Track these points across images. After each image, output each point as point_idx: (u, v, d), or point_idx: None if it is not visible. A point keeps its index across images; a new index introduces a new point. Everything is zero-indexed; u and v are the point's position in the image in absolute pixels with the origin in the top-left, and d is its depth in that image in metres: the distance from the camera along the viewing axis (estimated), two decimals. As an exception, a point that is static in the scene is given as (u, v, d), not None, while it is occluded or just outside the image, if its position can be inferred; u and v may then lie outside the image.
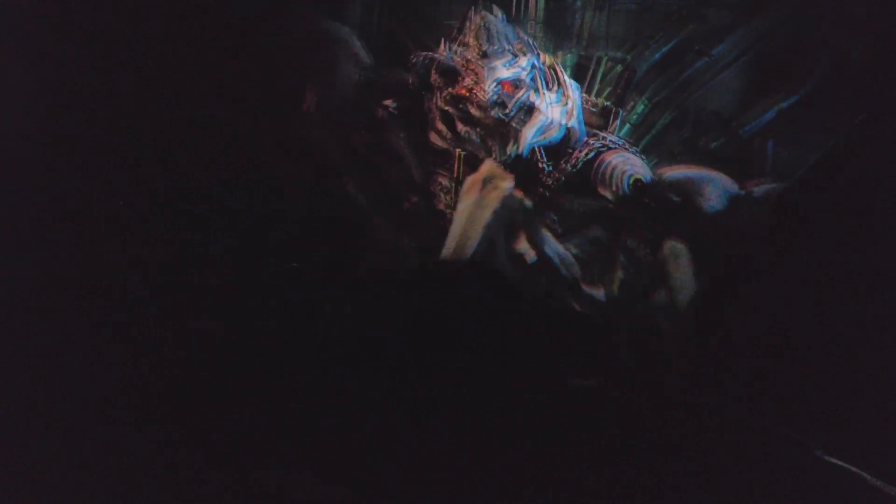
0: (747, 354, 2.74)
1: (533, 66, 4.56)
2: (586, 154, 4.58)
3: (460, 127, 4.41)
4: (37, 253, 3.22)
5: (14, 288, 3.16)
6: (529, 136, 4.41)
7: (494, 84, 4.43)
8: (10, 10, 3.43)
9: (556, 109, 4.52)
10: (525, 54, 4.57)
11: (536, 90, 4.51)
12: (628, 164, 4.50)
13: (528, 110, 4.48)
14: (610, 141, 4.61)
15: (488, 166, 4.34)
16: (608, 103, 4.88)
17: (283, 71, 3.96)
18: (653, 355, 3.36)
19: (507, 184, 4.30)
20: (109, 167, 3.40)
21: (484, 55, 4.45)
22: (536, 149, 4.49)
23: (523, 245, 4.31)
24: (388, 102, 4.47)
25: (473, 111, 4.42)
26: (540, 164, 4.52)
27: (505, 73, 4.48)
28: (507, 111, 4.43)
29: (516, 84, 4.49)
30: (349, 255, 3.59)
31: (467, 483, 2.76)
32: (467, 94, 4.39)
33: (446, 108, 4.34)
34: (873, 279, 2.64)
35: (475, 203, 4.14)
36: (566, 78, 4.67)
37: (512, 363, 3.11)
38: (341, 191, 4.09)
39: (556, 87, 4.57)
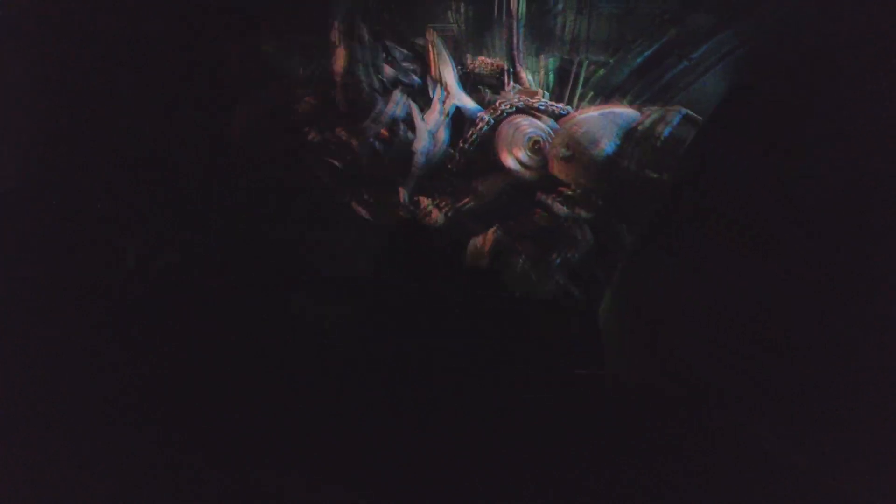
0: (747, 353, 2.64)
1: (407, 93, 4.26)
2: (481, 128, 4.32)
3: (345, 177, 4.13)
4: (37, 253, 3.11)
5: (14, 288, 3.05)
6: (409, 187, 4.15)
7: (371, 140, 4.14)
8: (10, 10, 3.31)
9: (441, 130, 4.25)
10: (397, 80, 4.25)
11: (413, 127, 4.24)
12: (531, 127, 4.26)
13: (406, 158, 4.20)
14: (506, 107, 4.33)
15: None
16: (500, 62, 4.64)
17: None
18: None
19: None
20: (109, 167, 3.29)
21: (353, 116, 4.12)
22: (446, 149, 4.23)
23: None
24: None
25: (350, 164, 4.14)
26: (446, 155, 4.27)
27: (376, 127, 4.17)
28: (385, 160, 4.16)
29: (392, 127, 4.22)
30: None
31: (467, 483, 2.68)
32: (342, 143, 4.11)
33: (324, 157, 4.04)
34: (874, 279, 2.55)
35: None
36: (440, 66, 4.36)
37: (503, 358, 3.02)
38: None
39: (437, 92, 4.29)
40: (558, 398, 2.83)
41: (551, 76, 4.79)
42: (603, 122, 4.21)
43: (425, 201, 4.06)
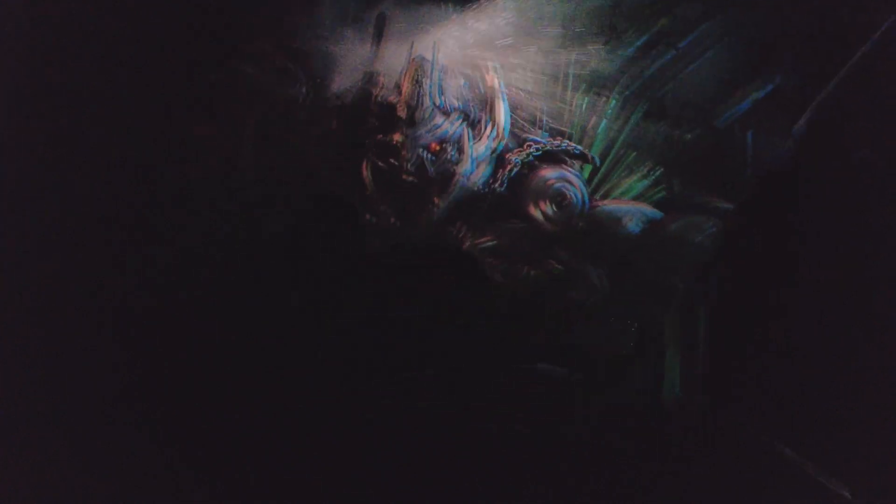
0: (746, 355, 2.50)
1: (464, 118, 4.18)
2: (510, 170, 4.22)
3: (384, 182, 4.03)
4: (37, 253, 2.95)
5: (14, 288, 2.90)
6: (443, 206, 4.05)
7: (420, 150, 4.06)
8: (10, 10, 3.14)
9: (485, 163, 4.15)
10: (456, 106, 4.17)
11: (461, 149, 4.15)
12: (559, 181, 4.17)
13: (447, 177, 4.11)
14: (535, 149, 4.23)
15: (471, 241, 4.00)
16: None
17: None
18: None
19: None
20: (109, 167, 3.13)
21: (412, 121, 4.05)
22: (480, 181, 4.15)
23: None
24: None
25: (397, 169, 4.05)
26: (475, 188, 4.18)
27: (429, 137, 4.10)
28: (429, 176, 4.06)
29: (441, 142, 4.13)
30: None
31: (467, 484, 2.54)
32: (397, 147, 4.02)
33: (376, 159, 3.96)
34: (874, 279, 2.40)
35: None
36: (497, 108, 4.28)
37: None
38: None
39: (489, 128, 4.20)
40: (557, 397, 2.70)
41: (541, 69, 4.62)
42: (626, 211, 4.14)
43: (460, 227, 3.96)
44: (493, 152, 4.08)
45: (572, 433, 2.61)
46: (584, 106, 4.70)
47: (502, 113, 4.18)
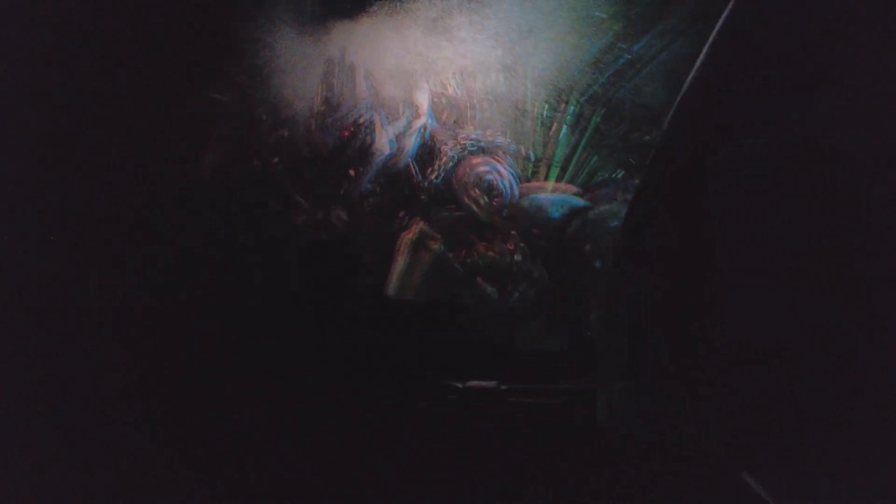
0: (736, 356, 2.45)
1: (373, 107, 4.27)
2: (445, 163, 4.31)
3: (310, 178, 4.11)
4: (37, 253, 2.90)
5: (14, 288, 2.85)
6: (362, 182, 4.10)
7: (331, 132, 4.15)
8: (10, 10, 3.09)
9: (406, 140, 4.24)
10: (365, 94, 4.27)
11: (374, 131, 4.24)
12: (489, 172, 4.26)
13: (364, 152, 4.18)
14: (470, 144, 4.31)
15: (419, 227, 4.05)
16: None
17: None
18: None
19: (437, 245, 4.01)
20: (109, 167, 3.08)
21: (323, 107, 4.14)
22: (411, 164, 4.20)
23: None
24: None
25: (323, 152, 4.13)
26: (414, 180, 4.23)
27: (338, 121, 4.19)
28: (345, 156, 4.15)
29: (353, 125, 4.22)
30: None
31: (468, 484, 2.50)
32: (313, 136, 4.10)
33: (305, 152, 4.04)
34: (873, 279, 2.34)
35: (407, 266, 3.80)
36: (417, 90, 4.33)
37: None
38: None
39: (404, 114, 4.27)
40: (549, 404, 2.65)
41: (500, 79, 4.61)
42: (553, 199, 4.24)
43: (403, 215, 4.03)
44: (415, 132, 4.16)
45: (572, 433, 2.57)
46: (544, 112, 4.70)
47: (423, 94, 4.25)
